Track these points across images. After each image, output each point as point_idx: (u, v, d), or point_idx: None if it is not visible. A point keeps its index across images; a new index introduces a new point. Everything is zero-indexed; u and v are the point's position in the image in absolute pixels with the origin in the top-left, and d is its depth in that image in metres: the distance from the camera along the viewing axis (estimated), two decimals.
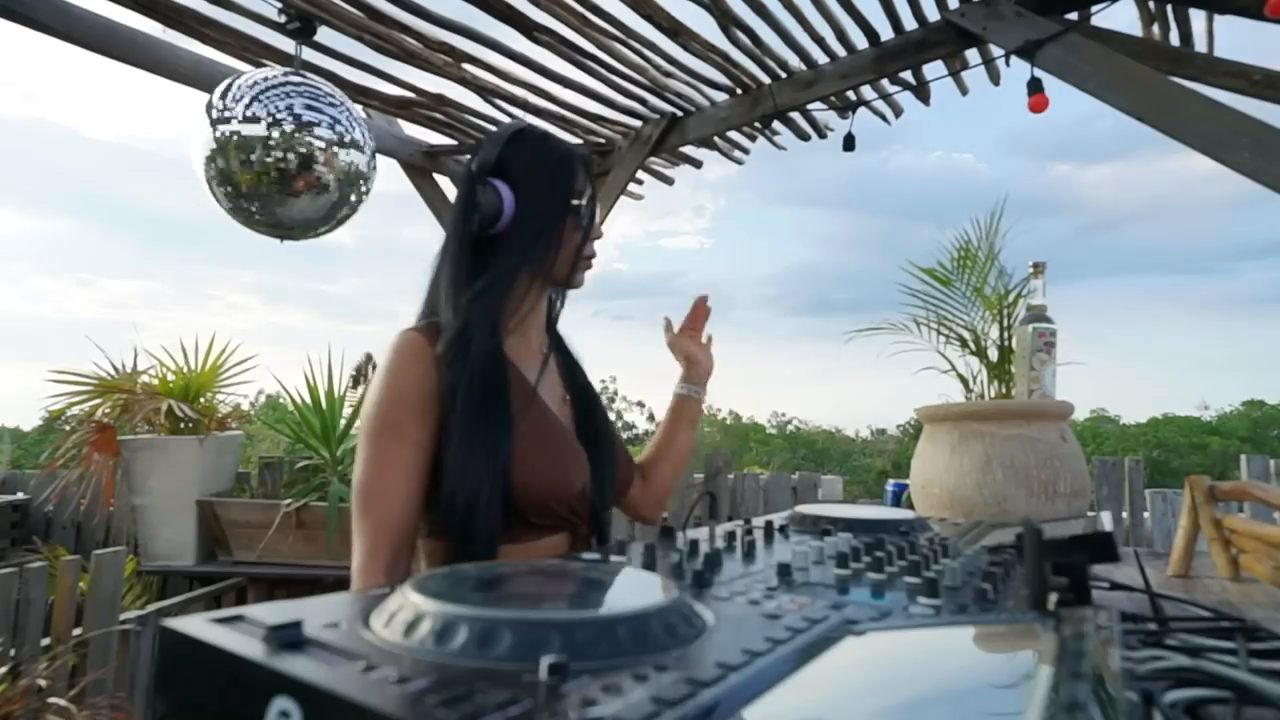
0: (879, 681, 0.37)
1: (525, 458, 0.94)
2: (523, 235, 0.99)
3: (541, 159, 1.03)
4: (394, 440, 0.91)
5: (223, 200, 1.99)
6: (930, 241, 1.68)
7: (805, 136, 3.10)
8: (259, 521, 2.90)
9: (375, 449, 0.92)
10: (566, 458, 1.01)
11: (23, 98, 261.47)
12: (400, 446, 0.91)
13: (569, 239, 1.03)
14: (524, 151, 1.03)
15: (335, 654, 0.31)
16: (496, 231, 0.99)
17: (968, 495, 1.37)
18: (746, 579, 0.54)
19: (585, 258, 1.06)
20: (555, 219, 1.01)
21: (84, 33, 2.16)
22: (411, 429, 0.92)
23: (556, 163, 1.03)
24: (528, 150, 1.03)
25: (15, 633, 2.09)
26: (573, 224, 1.03)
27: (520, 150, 1.02)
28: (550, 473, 0.97)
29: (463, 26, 2.31)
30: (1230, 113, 1.79)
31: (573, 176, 1.03)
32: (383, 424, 0.92)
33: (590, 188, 1.06)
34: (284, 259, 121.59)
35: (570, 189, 1.02)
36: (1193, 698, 0.50)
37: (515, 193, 1.00)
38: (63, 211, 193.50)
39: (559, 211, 1.02)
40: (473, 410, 0.91)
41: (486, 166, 1.01)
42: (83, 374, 3.34)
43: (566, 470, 0.99)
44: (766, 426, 36.26)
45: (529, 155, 1.02)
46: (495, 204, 0.98)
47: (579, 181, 1.04)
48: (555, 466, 0.98)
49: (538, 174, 1.01)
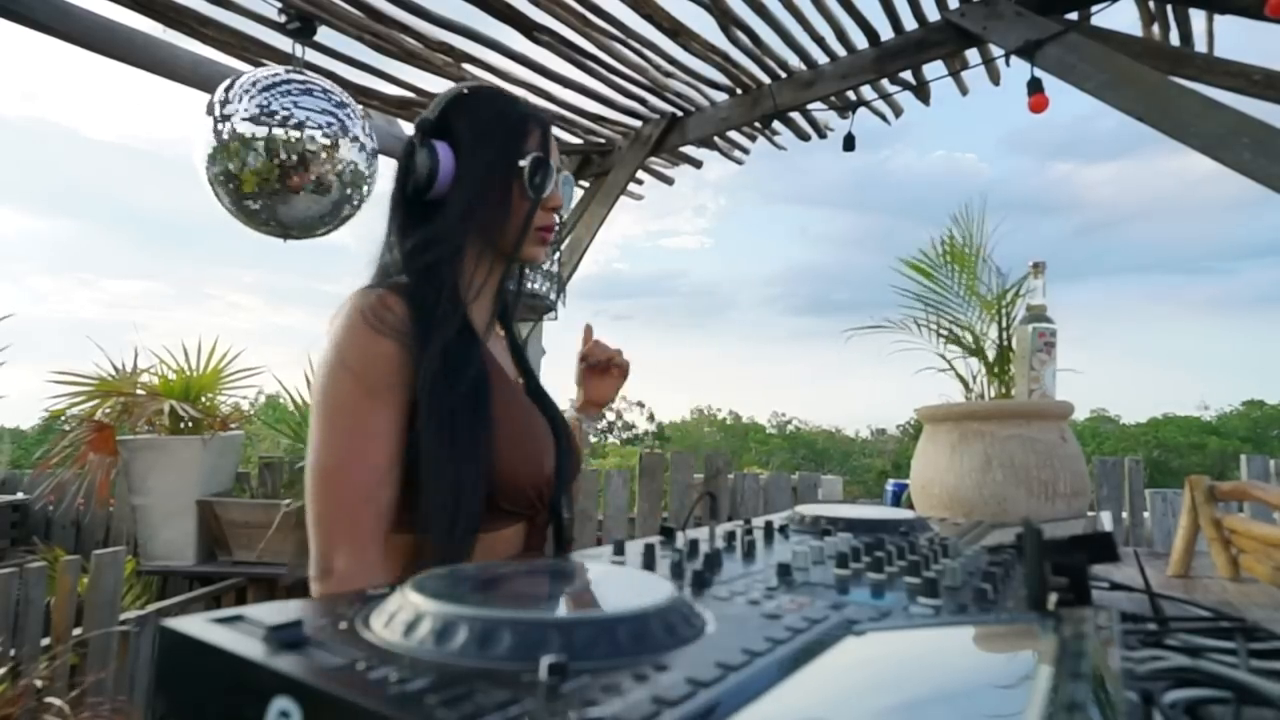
0: (879, 681, 0.37)
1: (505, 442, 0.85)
2: (461, 199, 0.90)
3: (486, 118, 0.94)
4: (377, 409, 0.80)
5: (225, 200, 1.99)
6: (931, 241, 1.68)
7: (805, 136, 3.10)
8: (259, 521, 2.90)
9: (354, 420, 0.79)
10: (538, 438, 0.93)
11: (23, 98, 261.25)
12: (383, 416, 0.80)
13: (517, 206, 0.93)
14: (468, 110, 0.94)
15: (335, 654, 0.31)
16: (436, 196, 0.91)
17: (968, 495, 1.37)
18: (746, 579, 0.54)
19: (537, 228, 0.95)
20: (496, 182, 0.91)
21: (84, 33, 2.16)
22: (394, 395, 0.81)
23: (501, 121, 0.94)
24: (473, 109, 0.94)
25: (15, 633, 2.09)
26: (519, 189, 0.92)
27: (465, 109, 0.94)
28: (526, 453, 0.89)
29: (463, 26, 2.32)
30: (1230, 113, 1.79)
31: (520, 137, 0.93)
32: (362, 390, 0.79)
33: (545, 153, 0.94)
34: (284, 259, 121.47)
35: (516, 150, 0.92)
36: (1193, 698, 0.50)
37: (456, 154, 0.91)
38: (63, 211, 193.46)
39: (502, 174, 0.91)
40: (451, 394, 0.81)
41: (426, 126, 0.93)
42: (83, 374, 3.34)
43: (539, 451, 0.92)
44: (766, 426, 36.28)
45: (473, 114, 0.94)
46: (431, 166, 0.89)
47: (528, 143, 0.93)
48: (529, 446, 0.90)
49: (481, 134, 0.92)
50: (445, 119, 0.93)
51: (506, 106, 0.96)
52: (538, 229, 0.96)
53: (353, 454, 0.78)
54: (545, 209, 0.95)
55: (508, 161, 0.92)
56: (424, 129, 0.92)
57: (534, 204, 0.93)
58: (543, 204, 0.94)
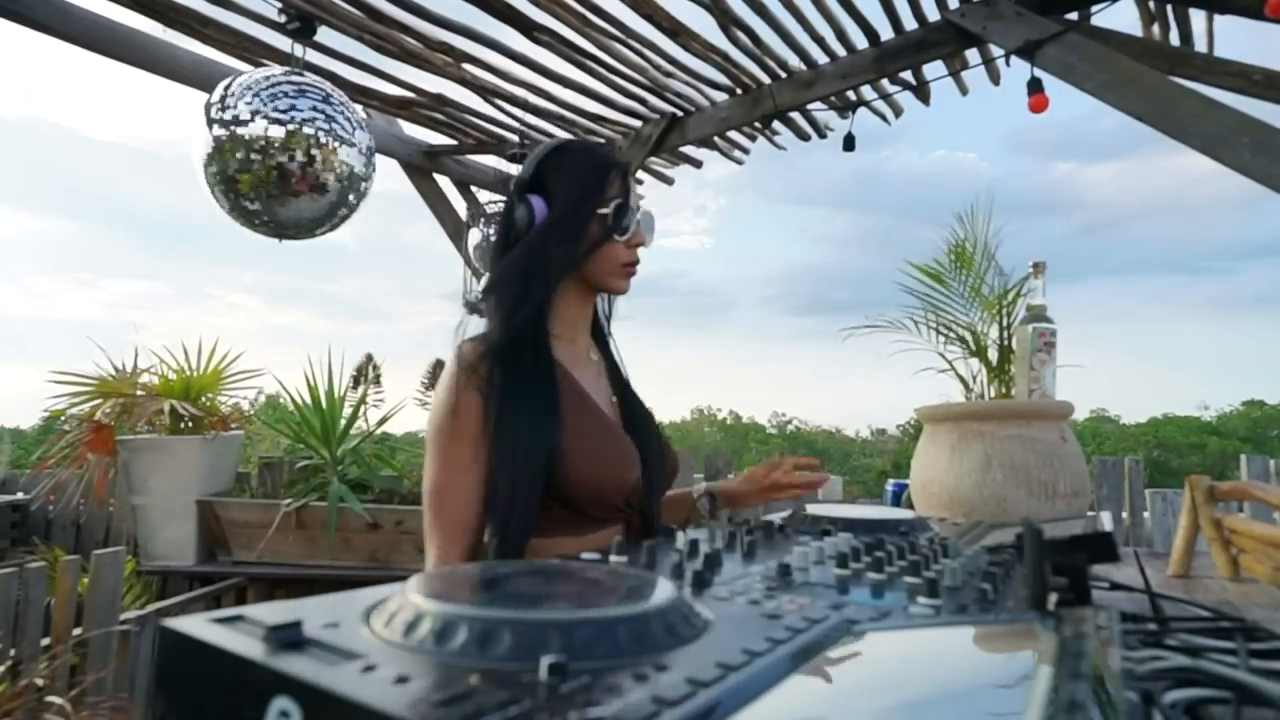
0: (879, 681, 0.37)
1: (581, 455, 0.98)
2: (554, 242, 1.03)
3: (573, 169, 1.07)
4: (460, 444, 0.97)
5: (222, 200, 1.99)
6: (931, 241, 1.68)
7: (805, 136, 3.09)
8: (259, 521, 2.90)
9: (443, 453, 0.98)
10: (621, 453, 1.05)
11: (23, 97, 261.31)
12: (465, 450, 0.97)
13: (603, 246, 1.06)
14: (558, 164, 1.07)
15: (335, 654, 0.31)
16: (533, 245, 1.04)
17: (968, 495, 1.37)
18: (746, 579, 0.54)
19: (622, 264, 1.08)
20: (584, 225, 1.04)
21: (84, 33, 2.16)
22: (475, 433, 0.97)
23: (586, 171, 1.07)
24: (561, 162, 1.07)
25: (15, 633, 2.09)
26: (603, 230, 1.05)
27: (555, 163, 1.07)
28: (606, 468, 1.01)
29: (463, 26, 2.31)
30: (1230, 113, 1.79)
31: (602, 184, 1.06)
32: (449, 430, 0.98)
33: (625, 197, 1.07)
34: (284, 259, 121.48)
35: (599, 196, 1.05)
36: (1193, 698, 0.50)
37: (549, 204, 1.04)
38: (63, 211, 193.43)
39: (587, 218, 1.05)
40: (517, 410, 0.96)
41: (523, 183, 1.07)
42: (83, 374, 3.33)
43: (621, 465, 1.03)
44: (766, 426, 36.27)
45: (562, 167, 1.07)
46: (528, 219, 1.03)
47: (610, 190, 1.06)
48: (610, 462, 1.02)
49: (568, 184, 1.05)
50: (539, 174, 1.07)
51: (590, 158, 1.09)
52: (622, 264, 1.08)
53: (444, 482, 0.98)
54: (629, 246, 1.08)
55: (593, 208, 1.05)
56: (520, 186, 1.07)
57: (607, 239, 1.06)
58: (626, 242, 1.07)
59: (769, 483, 1.18)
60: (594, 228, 1.05)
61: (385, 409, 3.33)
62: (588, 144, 1.15)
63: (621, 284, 1.11)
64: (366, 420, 3.26)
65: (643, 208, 1.11)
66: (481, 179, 3.50)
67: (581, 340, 1.13)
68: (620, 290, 1.12)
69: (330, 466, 3.05)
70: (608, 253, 1.06)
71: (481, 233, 2.72)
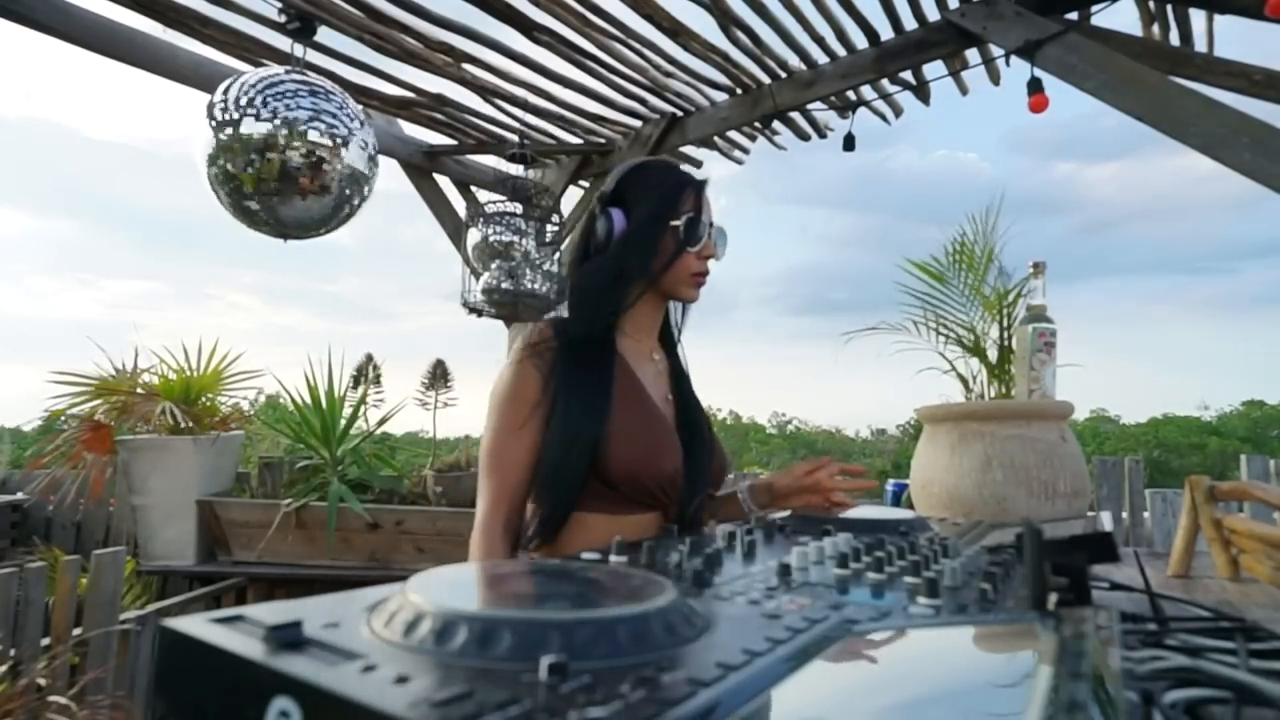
0: (879, 681, 0.37)
1: (623, 439, 1.06)
2: (630, 252, 1.13)
3: (650, 185, 1.16)
4: (510, 407, 1.07)
5: (225, 200, 1.99)
6: (932, 241, 1.68)
7: (805, 136, 3.09)
8: (259, 521, 2.90)
9: (503, 417, 1.07)
10: (661, 442, 1.11)
11: (23, 97, 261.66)
12: (515, 413, 1.07)
13: (676, 257, 1.14)
14: (637, 180, 1.17)
15: (335, 654, 0.31)
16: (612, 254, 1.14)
17: (968, 495, 1.37)
18: (746, 579, 0.54)
19: (692, 274, 1.16)
20: (657, 237, 1.13)
21: (84, 33, 2.16)
22: (534, 404, 1.06)
23: (661, 187, 1.15)
24: (640, 178, 1.17)
25: (15, 632, 2.09)
26: (676, 242, 1.13)
27: (634, 180, 1.17)
28: (645, 454, 1.08)
29: (463, 26, 2.31)
30: (1230, 113, 1.79)
31: (676, 200, 1.14)
32: (511, 396, 1.08)
33: (698, 212, 1.15)
34: (284, 259, 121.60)
35: (672, 211, 1.13)
36: (1193, 698, 0.50)
37: (627, 217, 1.14)
38: (63, 211, 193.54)
39: (662, 231, 1.13)
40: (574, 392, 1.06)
41: (605, 197, 1.17)
42: (83, 374, 3.33)
43: (659, 454, 1.10)
44: (766, 426, 36.26)
45: (640, 183, 1.16)
46: (607, 230, 1.13)
47: (683, 205, 1.14)
48: (650, 449, 1.09)
49: (645, 199, 1.14)
50: (620, 189, 1.17)
51: (667, 175, 1.18)
52: (692, 274, 1.16)
53: (498, 447, 1.08)
54: (700, 258, 1.16)
55: (667, 222, 1.13)
56: (603, 199, 1.17)
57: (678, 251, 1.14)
58: (697, 254, 1.15)
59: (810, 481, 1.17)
60: (667, 240, 1.13)
61: (385, 409, 3.33)
62: (666, 162, 1.24)
63: (691, 293, 1.18)
64: (366, 420, 3.26)
65: (715, 222, 1.18)
66: (481, 179, 3.50)
67: (647, 341, 1.22)
68: (690, 299, 1.20)
69: (330, 466, 3.05)
70: (679, 263, 1.14)
71: (481, 233, 2.72)
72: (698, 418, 1.22)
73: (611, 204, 1.16)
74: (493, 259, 2.69)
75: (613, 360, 1.12)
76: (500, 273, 2.64)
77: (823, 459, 1.22)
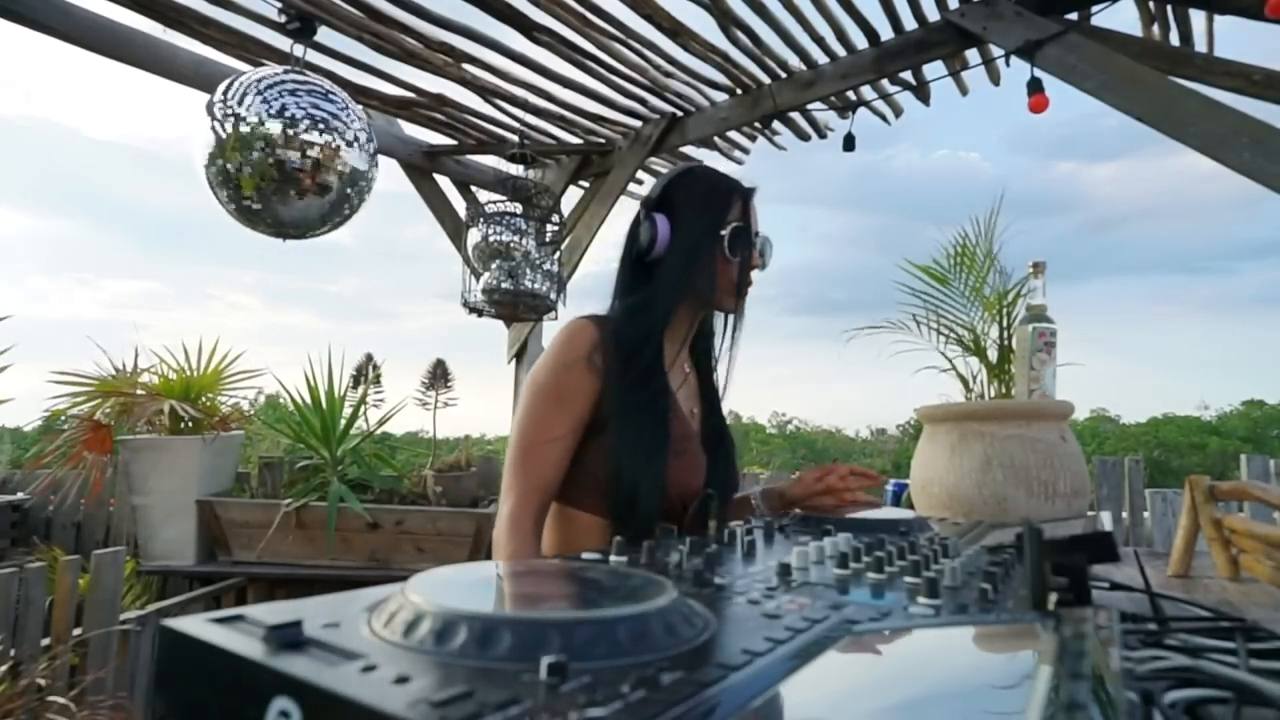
0: (879, 682, 0.37)
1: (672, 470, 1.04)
2: (676, 260, 1.11)
3: (697, 193, 1.14)
4: (556, 407, 1.04)
5: (224, 200, 1.98)
6: (933, 241, 1.68)
7: (805, 136, 3.09)
8: (259, 521, 2.90)
9: (538, 411, 1.04)
10: (689, 460, 1.10)
11: (23, 97, 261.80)
12: (560, 414, 1.04)
13: (720, 266, 1.12)
14: (684, 187, 1.15)
15: (335, 654, 0.31)
16: (657, 257, 1.12)
17: (968, 495, 1.36)
18: (746, 579, 0.54)
19: (736, 284, 1.15)
20: (704, 247, 1.11)
21: (84, 33, 2.16)
22: (572, 401, 1.04)
23: (709, 196, 1.13)
24: (688, 186, 1.15)
25: (15, 633, 2.09)
26: (721, 252, 1.11)
27: (682, 186, 1.15)
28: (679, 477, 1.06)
29: (463, 26, 2.31)
30: (1230, 113, 1.79)
31: (724, 209, 1.12)
32: (549, 390, 1.04)
33: (745, 221, 1.13)
34: (284, 259, 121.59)
35: (720, 220, 1.12)
36: (1193, 698, 0.50)
37: (673, 224, 1.12)
38: (63, 211, 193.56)
39: (709, 240, 1.11)
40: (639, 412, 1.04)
41: (651, 202, 1.15)
42: (83, 374, 3.33)
43: (687, 472, 1.09)
44: (766, 426, 36.26)
45: (688, 190, 1.14)
46: (651, 235, 1.11)
47: (730, 214, 1.13)
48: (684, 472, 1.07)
49: (693, 207, 1.13)
50: (666, 194, 1.15)
51: (715, 183, 1.16)
52: (736, 284, 1.15)
53: (532, 443, 1.03)
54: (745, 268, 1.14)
55: (713, 230, 1.11)
56: (648, 204, 1.15)
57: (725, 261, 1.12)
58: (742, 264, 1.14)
59: (821, 487, 1.18)
60: (713, 247, 1.11)
61: (385, 409, 3.33)
62: (712, 170, 1.20)
63: (730, 302, 1.16)
64: (366, 420, 3.26)
65: (761, 232, 1.17)
66: (481, 179, 3.50)
67: (677, 349, 1.19)
68: (728, 308, 1.18)
69: (330, 466, 3.05)
70: (723, 272, 1.12)
71: (481, 233, 2.72)
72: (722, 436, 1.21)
73: (657, 209, 1.14)
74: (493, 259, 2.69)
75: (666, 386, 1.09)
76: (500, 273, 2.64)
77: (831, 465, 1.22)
